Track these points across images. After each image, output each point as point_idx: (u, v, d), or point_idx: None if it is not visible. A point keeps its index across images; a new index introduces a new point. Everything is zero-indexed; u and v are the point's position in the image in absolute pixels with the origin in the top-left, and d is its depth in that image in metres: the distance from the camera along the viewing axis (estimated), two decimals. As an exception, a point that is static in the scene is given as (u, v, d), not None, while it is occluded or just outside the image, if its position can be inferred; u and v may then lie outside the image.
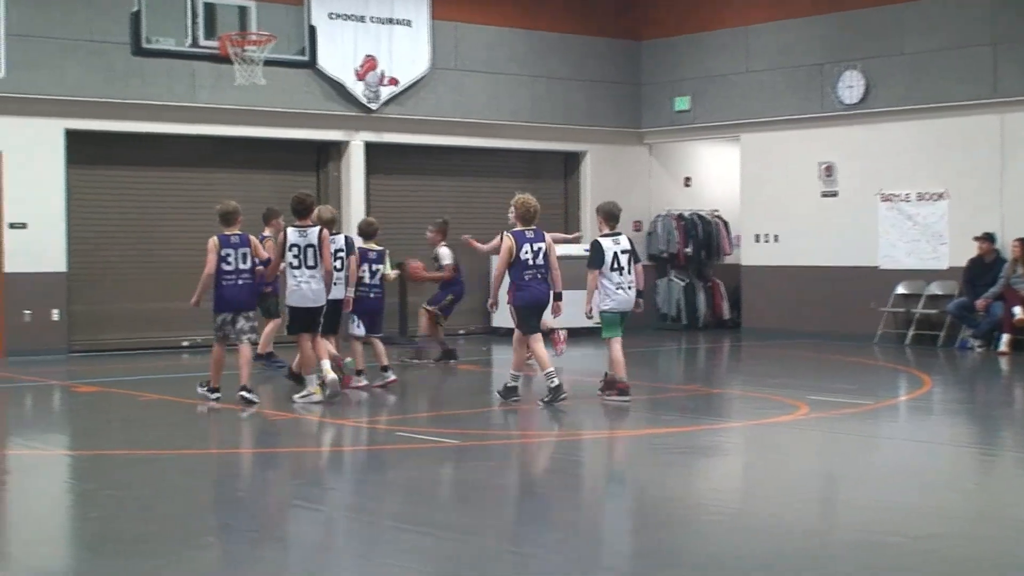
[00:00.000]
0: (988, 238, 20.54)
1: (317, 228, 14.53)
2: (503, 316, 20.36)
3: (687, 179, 26.27)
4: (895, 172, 22.05)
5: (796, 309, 23.18)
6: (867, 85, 22.30)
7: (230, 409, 14.11)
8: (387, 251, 16.60)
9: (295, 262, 14.41)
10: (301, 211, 14.54)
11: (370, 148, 22.84)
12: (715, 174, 26.24)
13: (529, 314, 14.71)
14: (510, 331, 22.86)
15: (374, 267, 16.03)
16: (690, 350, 22.40)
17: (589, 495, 10.56)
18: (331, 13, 22.05)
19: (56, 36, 19.99)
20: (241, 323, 14.48)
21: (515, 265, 14.56)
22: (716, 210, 25.55)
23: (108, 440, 13.01)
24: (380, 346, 16.03)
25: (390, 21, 22.84)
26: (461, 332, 23.37)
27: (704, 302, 25.23)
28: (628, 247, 15.03)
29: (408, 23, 23.01)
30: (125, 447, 12.40)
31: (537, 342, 14.71)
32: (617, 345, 14.91)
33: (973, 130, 21.17)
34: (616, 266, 14.85)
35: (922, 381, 17.25)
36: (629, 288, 14.93)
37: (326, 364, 14.52)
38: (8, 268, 19.46)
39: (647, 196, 25.75)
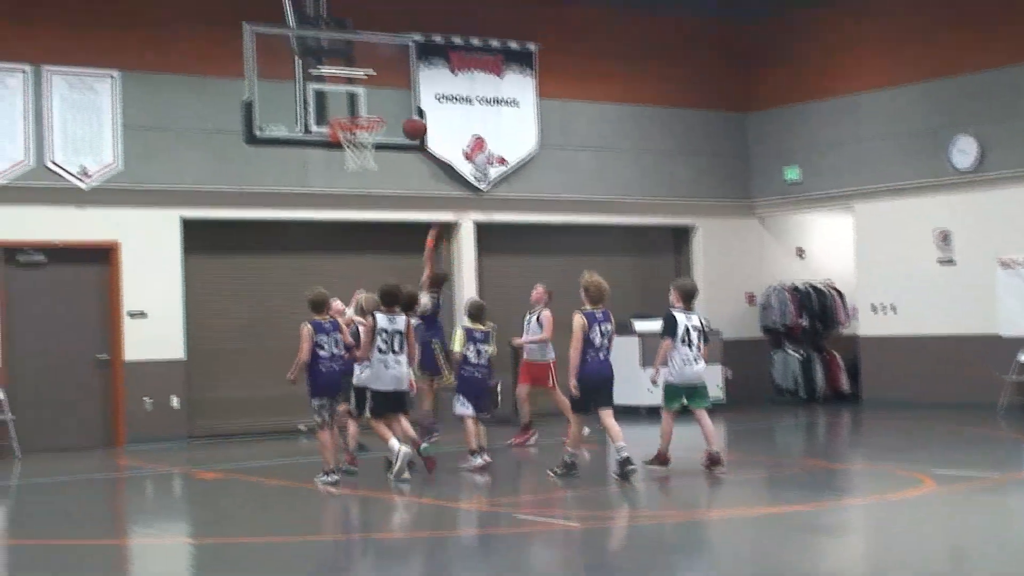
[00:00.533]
0: (1112, 303, 20.15)
1: (403, 315, 15.14)
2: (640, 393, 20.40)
3: (800, 250, 26.05)
4: (1013, 237, 21.70)
5: (916, 379, 22.80)
6: (981, 150, 22.02)
7: (347, 491, 14.14)
8: (493, 330, 16.63)
9: (383, 347, 14.89)
10: (390, 300, 15.12)
11: (480, 228, 22.92)
12: (828, 244, 25.99)
13: (590, 392, 14.88)
14: (628, 408, 22.87)
15: (480, 347, 16.15)
16: (809, 424, 22.11)
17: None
18: (438, 95, 22.25)
19: (170, 127, 20.35)
20: (338, 406, 15.12)
21: (585, 344, 14.75)
22: (830, 280, 25.29)
23: (233, 526, 13.06)
24: (478, 427, 16.09)
25: (497, 101, 22.99)
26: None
27: (821, 374, 24.91)
28: (699, 325, 15.50)
29: (515, 103, 23.14)
30: (249, 534, 12.44)
31: (608, 417, 14.95)
32: (670, 417, 15.44)
33: (1092, 193, 20.84)
34: (686, 340, 15.20)
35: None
36: (696, 362, 15.30)
37: (394, 442, 14.86)
38: (128, 356, 19.72)
39: (759, 268, 25.57)
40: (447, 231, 22.67)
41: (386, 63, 19.46)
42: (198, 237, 20.63)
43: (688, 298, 15.52)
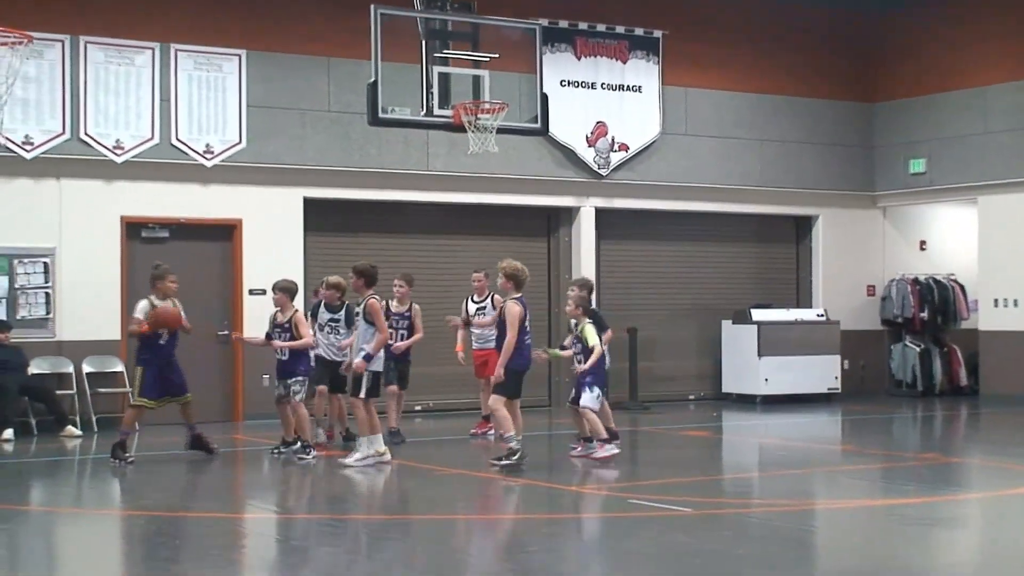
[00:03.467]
0: None
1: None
2: (735, 381, 20.25)
3: (922, 242, 25.77)
4: None
5: (1037, 376, 22.51)
6: (1111, 145, 21.66)
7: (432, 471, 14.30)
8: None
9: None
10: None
11: (600, 213, 22.95)
12: (951, 237, 25.69)
13: (519, 379, 14.92)
14: (744, 397, 22.77)
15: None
16: (926, 417, 21.89)
17: (822, 568, 10.37)
18: (563, 80, 22.30)
19: (294, 107, 20.60)
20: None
21: (521, 332, 14.77)
22: (952, 274, 25.00)
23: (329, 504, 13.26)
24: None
25: (620, 88, 22.99)
26: (691, 397, 23.25)
27: (940, 368, 24.65)
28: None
29: (639, 89, 23.13)
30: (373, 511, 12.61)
31: (517, 407, 14.90)
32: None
33: None
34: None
35: None
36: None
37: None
38: (248, 334, 19.86)
39: (881, 260, 25.34)
40: (568, 216, 22.77)
41: (511, 47, 19.48)
42: (319, 216, 20.88)
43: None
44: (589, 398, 15.36)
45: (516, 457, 14.42)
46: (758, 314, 23.10)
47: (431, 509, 12.79)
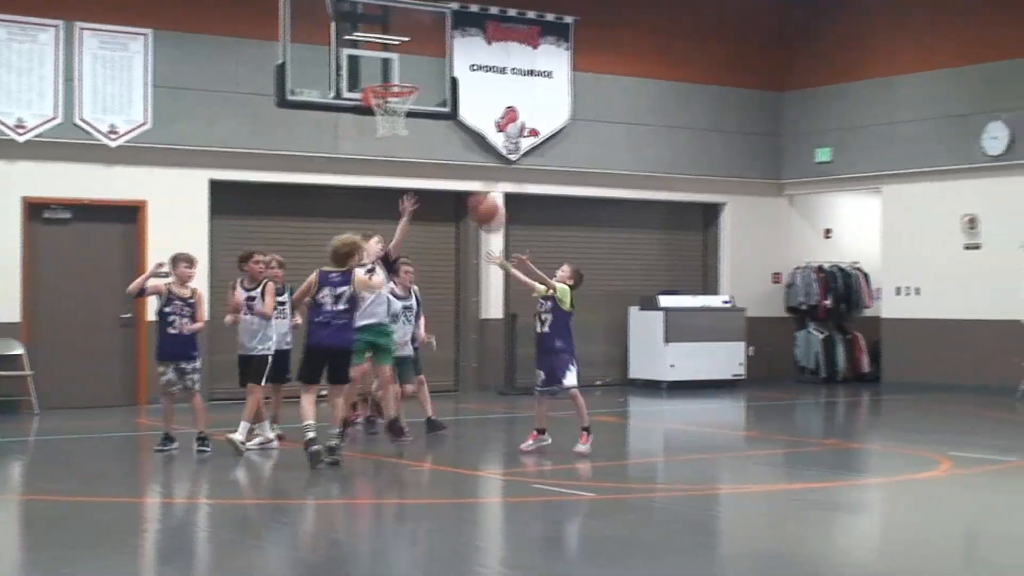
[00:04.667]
0: None
1: None
2: (642, 367, 20.31)
3: (827, 231, 26.04)
4: (1041, 225, 21.69)
5: (937, 362, 22.82)
6: (1012, 136, 21.97)
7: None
8: None
9: None
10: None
11: (509, 199, 22.90)
12: (856, 226, 25.98)
13: (313, 360, 13.71)
14: (650, 383, 22.89)
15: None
16: (829, 403, 22.13)
17: (725, 551, 10.45)
18: (472, 65, 22.27)
19: (202, 88, 20.41)
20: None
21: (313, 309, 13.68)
22: (856, 262, 25.28)
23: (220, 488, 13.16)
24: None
25: (531, 73, 23.00)
26: (598, 383, 23.33)
27: (843, 355, 24.93)
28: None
29: (549, 74, 23.15)
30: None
31: (334, 396, 13.78)
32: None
33: (1122, 182, 20.79)
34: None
35: (1069, 439, 16.89)
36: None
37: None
38: (152, 316, 19.61)
39: (786, 248, 25.57)
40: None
41: (421, 31, 19.44)
42: (226, 199, 20.70)
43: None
44: (574, 376, 14.51)
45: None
46: (665, 300, 23.23)
47: (329, 495, 12.73)
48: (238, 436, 14.30)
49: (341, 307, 13.56)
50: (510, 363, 22.41)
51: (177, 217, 20.12)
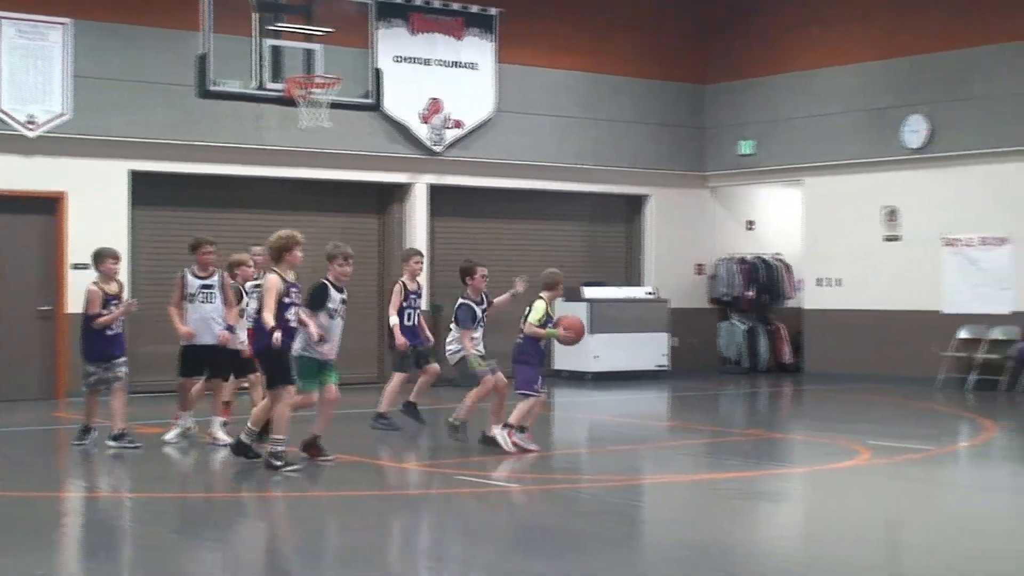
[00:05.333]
0: (1053, 283, 20.42)
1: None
2: (566, 357, 20.34)
3: (750, 222, 26.22)
4: (959, 217, 21.93)
5: (858, 353, 23.05)
6: (931, 129, 22.21)
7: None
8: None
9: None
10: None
11: (434, 190, 22.94)
12: (778, 218, 26.19)
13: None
14: (574, 373, 22.93)
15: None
16: (751, 394, 22.29)
17: (648, 542, 10.50)
18: (397, 56, 22.20)
19: (122, 78, 20.22)
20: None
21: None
22: (779, 254, 25.47)
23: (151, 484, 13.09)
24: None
25: (456, 64, 22.97)
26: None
27: (766, 346, 25.14)
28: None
29: (474, 66, 23.13)
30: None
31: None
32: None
33: (1038, 175, 21.09)
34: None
35: (984, 427, 17.11)
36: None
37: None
38: (71, 309, 19.52)
39: (710, 239, 25.72)
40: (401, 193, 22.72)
41: (345, 22, 19.39)
42: (147, 190, 20.53)
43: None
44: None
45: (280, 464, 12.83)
46: (589, 291, 23.28)
47: (258, 487, 12.67)
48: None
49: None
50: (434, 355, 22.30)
51: (97, 209, 19.93)
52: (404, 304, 16.23)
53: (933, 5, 22.38)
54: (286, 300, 12.72)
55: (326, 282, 13.25)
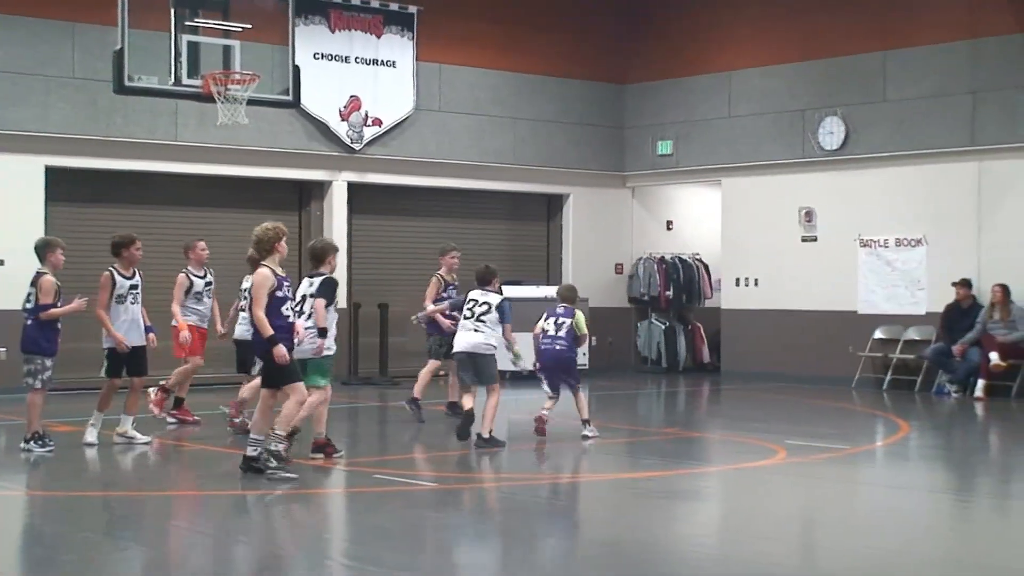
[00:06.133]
0: (965, 284, 20.65)
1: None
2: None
3: (669, 222, 26.35)
4: (874, 218, 22.17)
5: (775, 353, 23.23)
6: (847, 131, 22.43)
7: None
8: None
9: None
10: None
11: (353, 188, 22.87)
12: (697, 218, 26.34)
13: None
14: (516, 374, 22.96)
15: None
16: (670, 393, 22.41)
17: (566, 540, 10.53)
18: (316, 53, 22.12)
19: (37, 72, 20.00)
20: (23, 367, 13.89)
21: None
22: (697, 254, 25.62)
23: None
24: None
25: (375, 62, 22.91)
26: (442, 373, 23.31)
27: (684, 345, 25.28)
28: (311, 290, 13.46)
29: (393, 64, 23.08)
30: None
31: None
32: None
33: (951, 177, 21.30)
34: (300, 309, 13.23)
35: (899, 426, 17.30)
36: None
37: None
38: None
39: (629, 239, 25.83)
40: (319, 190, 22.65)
41: (263, 18, 19.30)
42: (64, 186, 20.32)
43: (314, 260, 13.78)
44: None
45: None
46: (509, 290, 23.17)
47: (165, 487, 12.57)
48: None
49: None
50: (353, 353, 22.31)
51: (12, 204, 19.70)
52: (443, 296, 17.18)
53: (849, 8, 22.60)
54: (279, 294, 12.37)
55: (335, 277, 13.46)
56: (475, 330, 15.07)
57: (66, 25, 20.14)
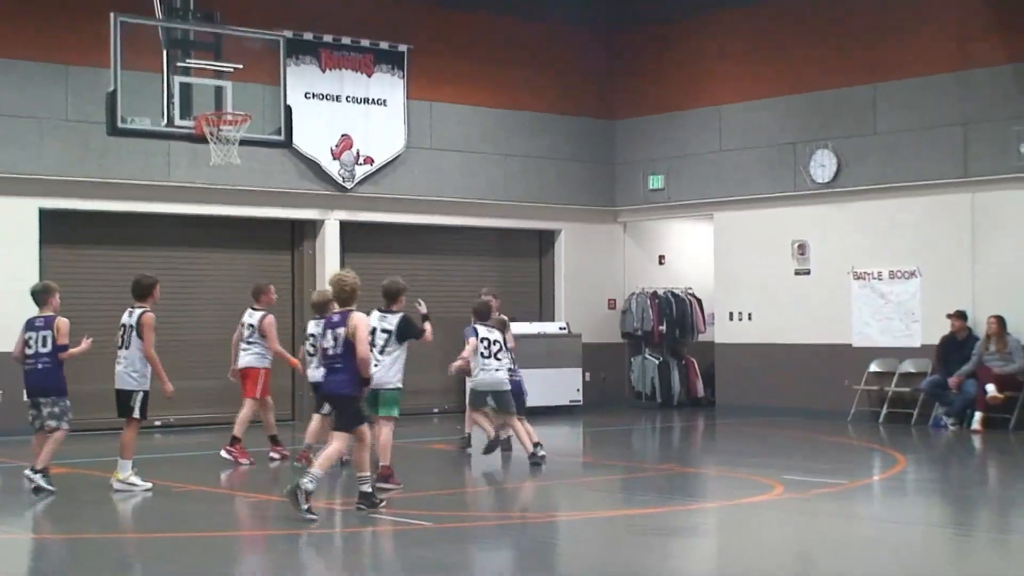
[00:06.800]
0: (960, 316, 20.65)
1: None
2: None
3: (661, 257, 26.37)
4: (867, 250, 22.19)
5: (770, 387, 23.21)
6: (839, 164, 22.48)
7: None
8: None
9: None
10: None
11: (345, 227, 22.89)
12: (689, 252, 26.36)
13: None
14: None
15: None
16: (664, 428, 22.39)
17: (564, 577, 10.51)
18: (307, 93, 22.17)
19: (31, 115, 20.03)
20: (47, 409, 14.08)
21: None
22: (690, 288, 25.63)
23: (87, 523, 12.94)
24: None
25: (366, 101, 22.96)
26: (435, 410, 23.34)
27: (678, 380, 25.25)
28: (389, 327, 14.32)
29: (384, 103, 23.14)
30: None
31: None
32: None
33: (944, 209, 21.33)
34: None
35: (896, 460, 17.28)
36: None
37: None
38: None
39: (621, 274, 25.84)
40: (312, 229, 22.67)
41: (255, 58, 19.28)
42: (57, 228, 20.32)
43: (388, 298, 14.60)
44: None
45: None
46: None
47: (180, 527, 12.54)
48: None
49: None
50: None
51: (6, 246, 19.69)
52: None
53: (838, 41, 22.67)
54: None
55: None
56: (496, 370, 16.31)
57: (59, 68, 20.18)
